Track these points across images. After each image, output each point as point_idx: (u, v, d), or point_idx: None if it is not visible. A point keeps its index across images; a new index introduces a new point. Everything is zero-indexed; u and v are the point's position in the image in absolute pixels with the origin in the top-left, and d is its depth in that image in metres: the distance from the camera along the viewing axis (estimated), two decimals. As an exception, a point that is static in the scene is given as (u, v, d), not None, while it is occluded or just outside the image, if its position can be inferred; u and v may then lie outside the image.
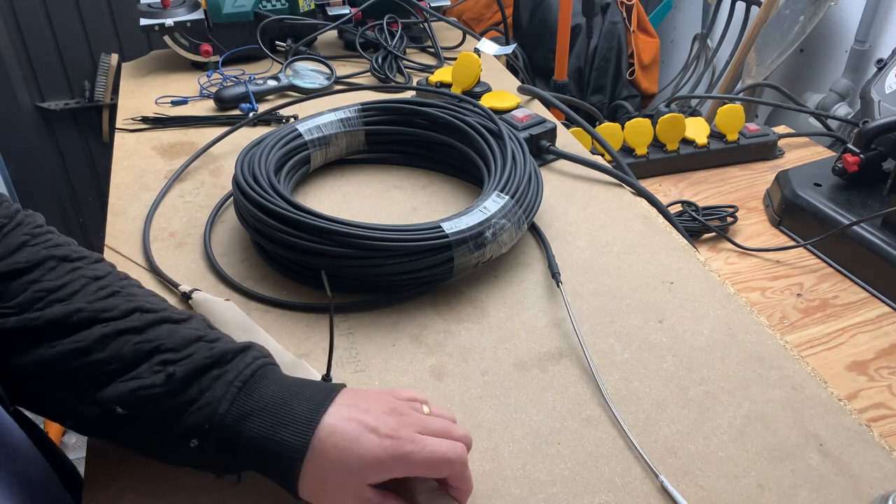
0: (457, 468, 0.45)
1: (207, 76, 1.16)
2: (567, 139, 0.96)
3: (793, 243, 1.04)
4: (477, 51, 1.19)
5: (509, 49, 1.28)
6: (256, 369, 0.46)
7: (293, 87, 1.10)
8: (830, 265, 0.99)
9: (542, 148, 0.90)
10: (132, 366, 0.45)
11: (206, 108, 1.06)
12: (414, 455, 0.43)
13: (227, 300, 0.63)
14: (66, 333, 0.45)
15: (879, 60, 1.25)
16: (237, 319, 0.60)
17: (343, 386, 0.47)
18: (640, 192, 0.84)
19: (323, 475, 0.43)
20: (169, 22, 1.15)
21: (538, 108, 1.05)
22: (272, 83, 1.09)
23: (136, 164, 0.91)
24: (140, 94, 1.11)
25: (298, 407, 0.44)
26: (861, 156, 1.01)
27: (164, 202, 0.82)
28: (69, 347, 0.45)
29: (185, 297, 0.64)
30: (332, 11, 1.27)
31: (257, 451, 0.43)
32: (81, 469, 0.52)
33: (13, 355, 0.45)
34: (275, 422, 0.43)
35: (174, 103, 1.08)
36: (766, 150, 1.25)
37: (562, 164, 0.90)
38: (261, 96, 1.07)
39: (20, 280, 0.47)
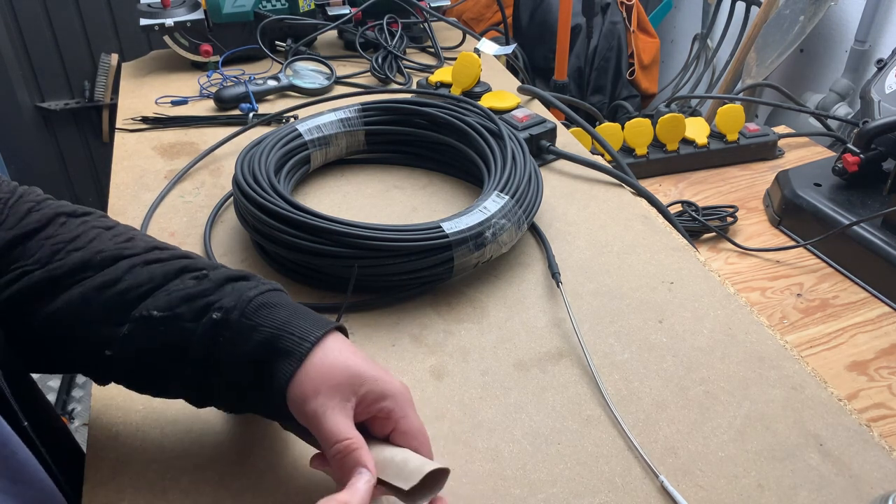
0: (408, 401, 0.45)
1: (207, 76, 1.16)
2: (567, 139, 0.96)
3: (793, 243, 1.04)
4: (477, 51, 1.19)
5: (509, 49, 1.28)
6: (281, 290, 0.49)
7: (293, 87, 1.10)
8: (830, 265, 0.99)
9: (542, 148, 0.90)
10: (164, 282, 0.47)
11: (206, 108, 1.06)
12: (396, 383, 0.45)
13: None
14: (93, 273, 0.47)
15: (879, 60, 1.25)
16: None
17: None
18: (640, 192, 0.84)
19: (324, 372, 0.43)
20: (169, 22, 1.15)
21: (538, 108, 1.05)
22: (272, 83, 1.09)
23: (136, 164, 0.91)
24: (140, 94, 1.11)
25: (315, 315, 0.47)
26: (861, 156, 1.01)
27: (164, 202, 0.82)
28: (98, 281, 0.46)
29: None
30: (332, 11, 1.27)
31: (271, 336, 0.44)
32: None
33: (42, 306, 0.46)
34: (294, 314, 0.46)
35: (174, 103, 1.08)
36: (766, 150, 1.25)
37: (562, 164, 0.91)
38: (261, 96, 1.07)
39: (36, 238, 0.49)
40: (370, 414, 0.44)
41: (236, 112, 1.04)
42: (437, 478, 0.43)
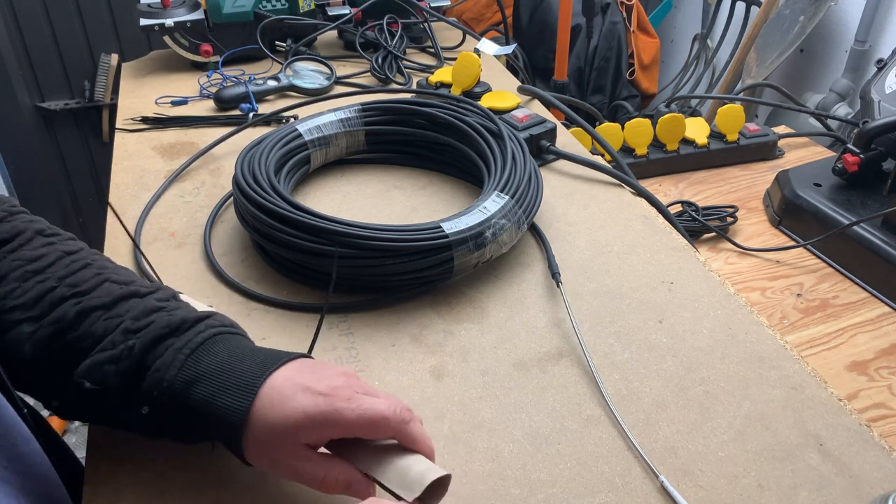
0: (396, 426, 0.43)
1: (207, 76, 1.16)
2: (567, 139, 0.96)
3: (793, 243, 1.04)
4: (477, 51, 1.19)
5: (509, 49, 1.28)
6: (208, 337, 0.47)
7: (293, 88, 1.10)
8: (830, 265, 0.99)
9: (542, 148, 0.90)
10: (101, 339, 0.46)
11: (206, 108, 1.06)
12: (345, 411, 0.42)
13: (210, 306, 0.63)
14: (43, 314, 0.47)
15: (879, 60, 1.25)
16: None
17: (304, 355, 0.48)
18: (640, 192, 0.84)
19: (263, 436, 0.43)
20: (169, 22, 1.15)
21: (538, 108, 1.05)
22: (272, 83, 1.09)
23: (136, 164, 0.91)
24: (140, 94, 1.11)
25: (243, 372, 0.45)
26: (861, 156, 1.01)
27: (164, 202, 0.83)
28: (48, 331, 0.46)
29: None
30: (332, 11, 1.27)
31: (205, 417, 0.44)
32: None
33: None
34: (219, 387, 0.44)
35: (174, 103, 1.08)
36: (766, 150, 1.25)
37: (562, 164, 0.90)
38: (261, 96, 1.07)
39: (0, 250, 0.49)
40: (326, 441, 0.44)
41: (236, 112, 1.04)
42: (440, 483, 0.43)
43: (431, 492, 0.42)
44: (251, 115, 1.01)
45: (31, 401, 0.51)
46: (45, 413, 0.56)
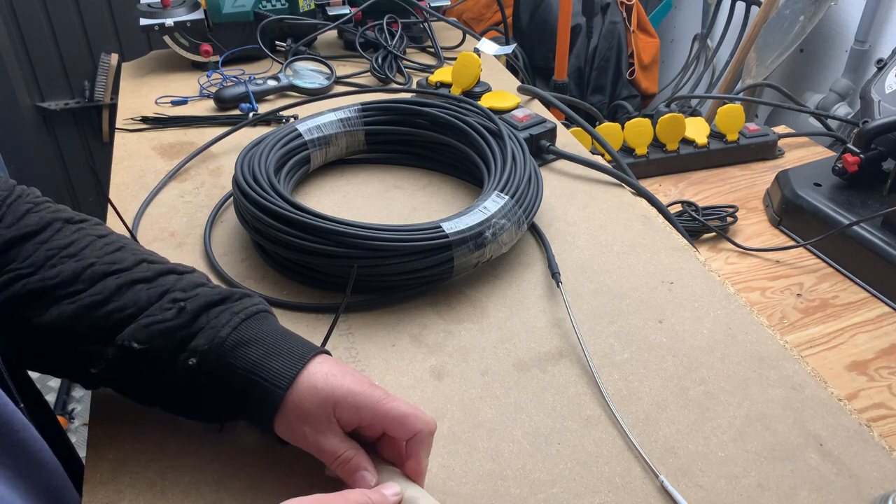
0: (424, 426, 0.45)
1: (207, 76, 1.16)
2: (567, 139, 0.96)
3: (793, 243, 1.04)
4: (477, 51, 1.19)
5: (509, 49, 1.28)
6: (261, 310, 0.50)
7: (293, 87, 1.10)
8: (830, 265, 0.99)
9: (542, 148, 0.90)
10: (147, 306, 0.48)
11: (206, 108, 1.06)
12: (384, 401, 0.45)
13: None
14: (83, 288, 0.48)
15: (879, 60, 1.25)
16: None
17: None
18: (640, 192, 0.84)
19: (304, 405, 0.45)
20: (169, 22, 1.15)
21: (538, 108, 1.05)
22: (272, 83, 1.09)
23: (136, 164, 0.91)
24: (140, 94, 1.11)
25: (294, 345, 0.48)
26: (861, 156, 1.01)
27: (164, 202, 0.83)
28: (87, 301, 0.48)
29: None
30: (332, 11, 1.27)
31: (247, 378, 0.46)
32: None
33: (34, 315, 0.48)
34: (270, 352, 0.47)
35: (174, 103, 1.08)
36: (766, 150, 1.25)
37: (562, 164, 0.90)
38: (261, 96, 1.07)
39: (32, 241, 0.50)
40: (354, 426, 0.46)
41: (236, 112, 1.04)
42: None
43: None
44: (251, 114, 1.01)
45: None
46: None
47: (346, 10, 1.27)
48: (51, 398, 1.90)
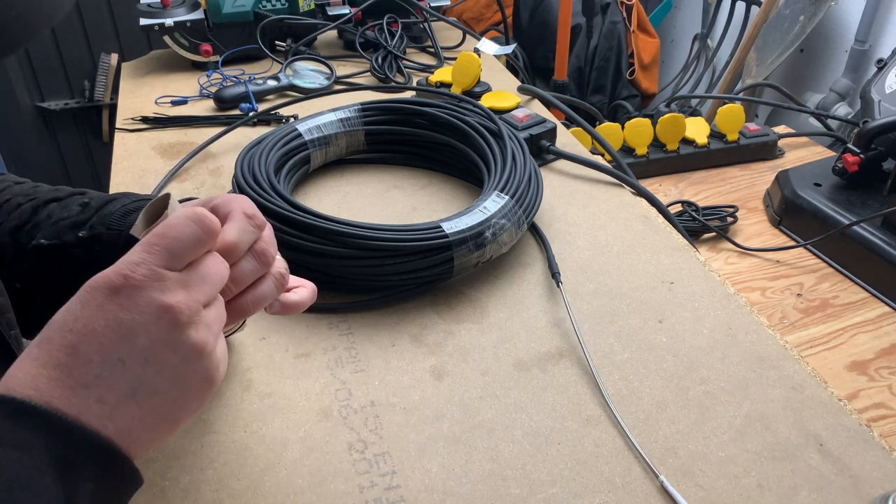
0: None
1: (207, 76, 1.16)
2: (567, 139, 0.96)
3: (793, 243, 1.04)
4: (477, 51, 1.19)
5: (509, 49, 1.28)
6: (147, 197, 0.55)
7: (293, 87, 1.10)
8: (830, 265, 0.99)
9: (542, 148, 0.90)
10: (58, 219, 0.53)
11: (205, 108, 1.06)
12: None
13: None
14: (2, 219, 0.53)
15: (879, 60, 1.25)
16: None
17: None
18: (640, 192, 0.84)
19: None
20: (169, 22, 1.15)
21: (538, 108, 1.05)
22: (272, 83, 1.09)
23: (136, 164, 0.91)
24: (140, 94, 1.11)
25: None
26: (861, 156, 1.01)
27: (164, 202, 0.82)
28: (10, 227, 0.53)
29: None
30: (332, 11, 1.27)
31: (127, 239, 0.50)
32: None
33: None
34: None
35: (174, 103, 1.08)
36: (766, 150, 1.25)
37: (562, 164, 0.90)
38: (261, 96, 1.07)
39: None
40: None
41: (236, 112, 1.04)
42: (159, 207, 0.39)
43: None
44: (251, 114, 1.01)
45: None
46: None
47: (346, 10, 1.27)
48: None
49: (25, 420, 0.30)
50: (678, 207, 1.10)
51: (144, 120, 1.01)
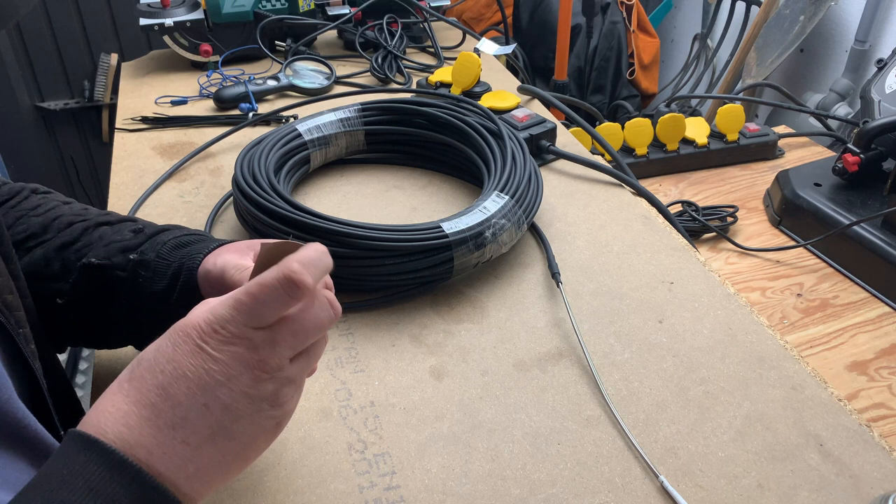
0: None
1: (207, 76, 1.16)
2: (567, 139, 0.96)
3: (793, 243, 1.04)
4: (477, 51, 1.19)
5: (509, 49, 1.28)
6: (205, 235, 0.55)
7: (293, 87, 1.10)
8: (830, 265, 0.99)
9: (542, 148, 0.90)
10: (109, 243, 0.53)
11: (205, 108, 1.06)
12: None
13: None
14: (52, 236, 0.53)
15: (879, 60, 1.25)
16: None
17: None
18: (640, 192, 0.84)
19: (225, 250, 0.50)
20: (169, 22, 1.15)
21: (538, 108, 1.05)
22: (272, 83, 1.09)
23: (135, 164, 0.91)
24: (140, 94, 1.11)
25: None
26: (861, 156, 1.01)
27: (164, 202, 0.82)
28: (57, 242, 0.53)
29: None
30: (331, 11, 1.27)
31: (183, 261, 0.50)
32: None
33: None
34: (202, 242, 0.52)
35: (174, 103, 1.08)
36: (766, 150, 1.25)
37: (562, 164, 0.90)
38: (260, 96, 1.07)
39: (2, 207, 0.55)
40: None
41: (236, 112, 1.04)
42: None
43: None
44: (251, 114, 1.01)
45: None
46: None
47: (346, 9, 1.27)
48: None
49: (116, 475, 0.32)
50: (678, 207, 1.10)
51: (144, 120, 1.01)
